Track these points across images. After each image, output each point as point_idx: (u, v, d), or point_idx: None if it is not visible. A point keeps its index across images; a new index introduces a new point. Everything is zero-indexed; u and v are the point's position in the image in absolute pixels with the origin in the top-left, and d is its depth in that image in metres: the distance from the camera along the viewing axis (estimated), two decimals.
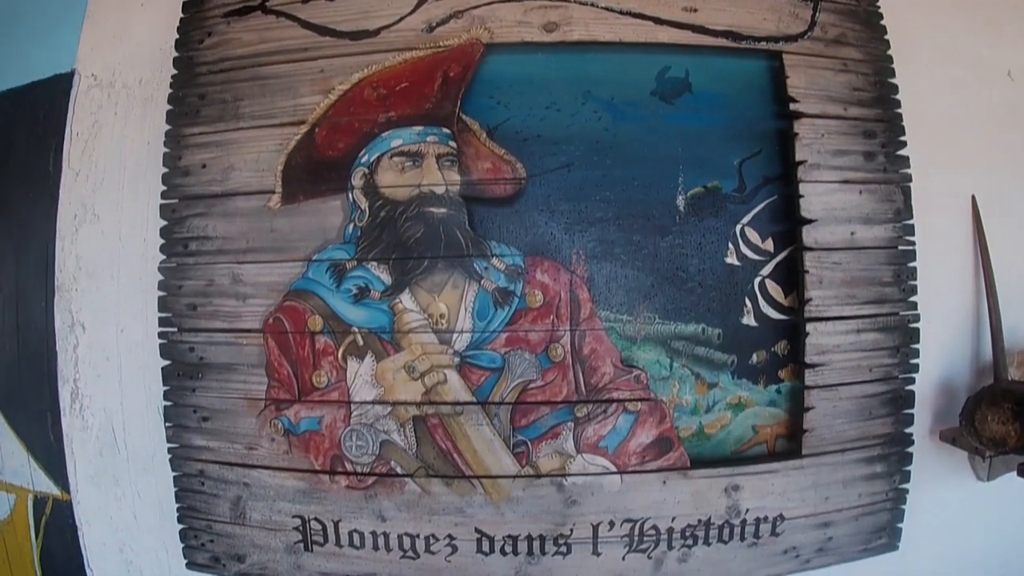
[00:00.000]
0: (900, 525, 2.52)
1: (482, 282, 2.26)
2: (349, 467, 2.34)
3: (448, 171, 2.32)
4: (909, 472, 2.50)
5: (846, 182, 2.45)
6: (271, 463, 2.42)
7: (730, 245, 2.39)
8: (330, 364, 2.34)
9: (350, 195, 2.35)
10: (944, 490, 2.56)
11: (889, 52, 2.54)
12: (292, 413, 2.36)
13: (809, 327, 2.38)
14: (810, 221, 2.39)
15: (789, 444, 2.43)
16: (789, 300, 2.41)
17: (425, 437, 2.30)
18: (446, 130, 2.32)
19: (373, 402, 2.33)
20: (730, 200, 2.40)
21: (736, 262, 2.39)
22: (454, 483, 2.33)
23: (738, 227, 2.40)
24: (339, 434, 2.34)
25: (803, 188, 2.40)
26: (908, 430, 2.49)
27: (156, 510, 2.57)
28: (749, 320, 2.39)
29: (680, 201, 2.38)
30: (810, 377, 2.40)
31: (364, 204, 2.33)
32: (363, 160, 2.35)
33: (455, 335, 2.29)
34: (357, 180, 2.34)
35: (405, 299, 2.30)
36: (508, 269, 2.28)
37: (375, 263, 2.31)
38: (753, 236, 2.41)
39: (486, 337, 2.29)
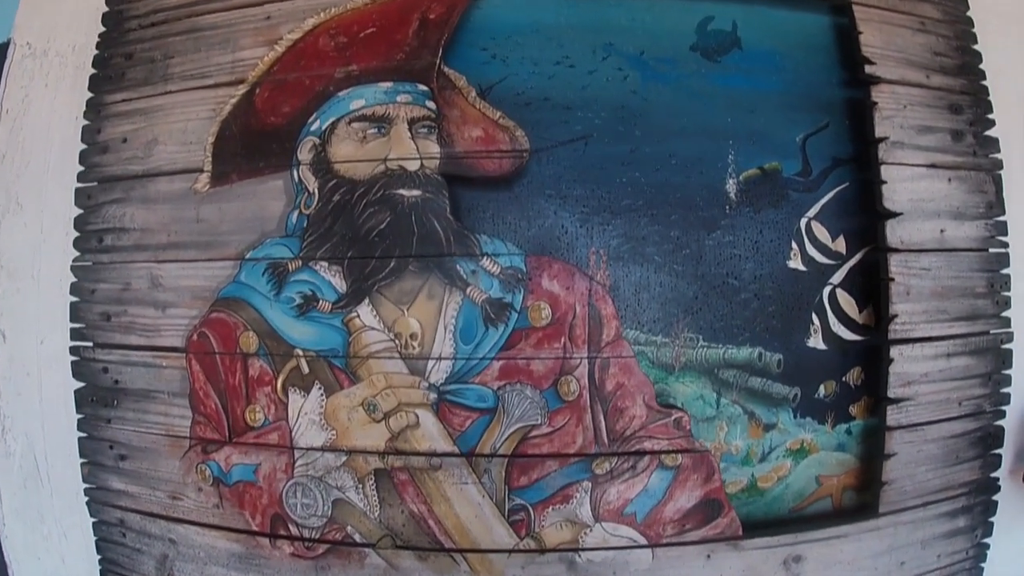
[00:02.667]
0: None
1: (468, 291, 0.88)
2: (294, 530, 0.96)
3: (424, 140, 0.93)
4: (993, 525, 1.12)
5: (933, 166, 1.08)
6: (199, 518, 1.05)
7: (793, 244, 1.01)
8: (267, 397, 0.96)
9: (295, 173, 0.97)
10: None
11: (969, 14, 1.12)
12: (222, 458, 0.99)
13: (894, 351, 1.02)
14: (895, 215, 1.02)
15: (859, 498, 1.07)
16: (864, 316, 1.03)
17: (391, 497, 0.91)
18: (423, 87, 0.94)
19: (322, 449, 0.94)
20: (792, 186, 1.01)
21: (801, 267, 1.01)
22: (430, 558, 0.94)
23: (803, 221, 1.01)
24: (280, 488, 0.96)
25: (885, 172, 1.03)
26: (995, 474, 1.11)
27: (84, 555, 1.20)
28: (816, 342, 1.02)
29: (731, 186, 0.99)
30: (893, 415, 1.03)
31: (313, 185, 0.94)
32: (313, 128, 0.96)
33: (431, 363, 0.91)
34: (305, 153, 0.95)
35: (364, 313, 0.91)
36: (504, 273, 0.90)
37: (325, 263, 0.93)
38: (821, 233, 1.03)
39: (473, 366, 0.91)
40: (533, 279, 0.98)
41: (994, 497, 1.20)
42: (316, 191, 1.03)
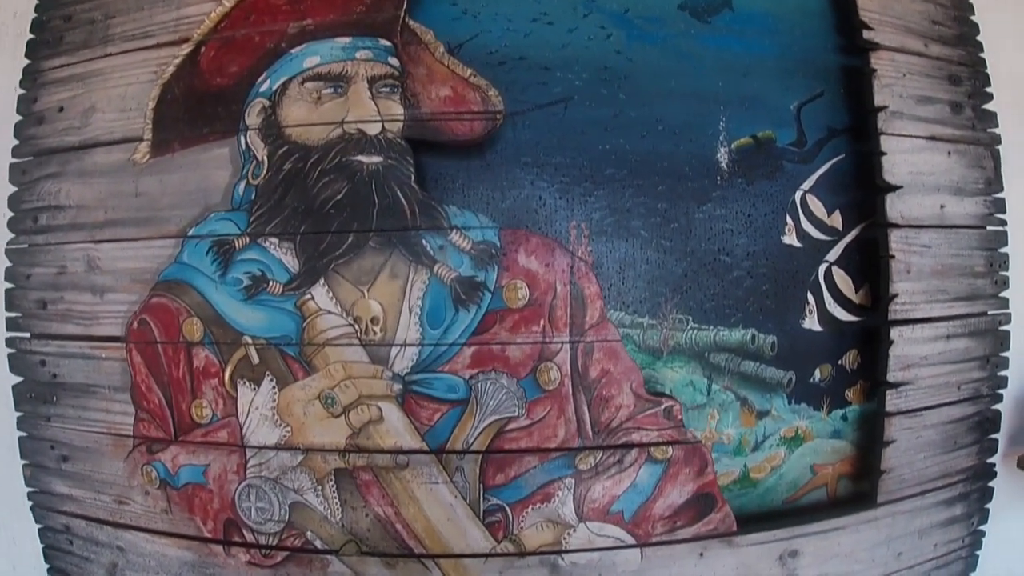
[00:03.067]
0: (973, 575, 0.98)
1: (435, 269, 0.69)
2: (249, 536, 0.78)
3: (386, 101, 0.75)
4: (988, 511, 0.97)
5: (933, 139, 0.92)
6: (148, 524, 0.86)
7: (788, 219, 0.84)
8: (214, 390, 0.77)
9: (242, 139, 0.78)
10: (1021, 527, 1.03)
11: None
12: (168, 458, 0.80)
13: (894, 332, 0.86)
14: (894, 188, 0.84)
15: (855, 487, 0.91)
16: (861, 296, 0.87)
17: (354, 499, 0.73)
18: (385, 42, 0.75)
19: (276, 447, 0.75)
20: (787, 157, 0.85)
21: (796, 242, 0.84)
22: (399, 564, 0.77)
23: (798, 194, 0.85)
24: (232, 490, 0.77)
25: (885, 143, 0.87)
26: (991, 460, 0.96)
27: (35, 563, 1.00)
28: (811, 323, 0.85)
29: (722, 155, 0.82)
30: (892, 400, 0.88)
31: (261, 152, 0.75)
32: (262, 89, 0.77)
33: (394, 350, 0.72)
34: (253, 117, 0.76)
35: (319, 295, 0.72)
36: (475, 249, 0.71)
37: (275, 240, 0.74)
38: (817, 207, 0.86)
39: (442, 353, 0.72)
40: (508, 255, 0.80)
41: (990, 483, 1.06)
42: (265, 159, 0.85)
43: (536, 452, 0.81)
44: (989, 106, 1.04)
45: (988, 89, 1.05)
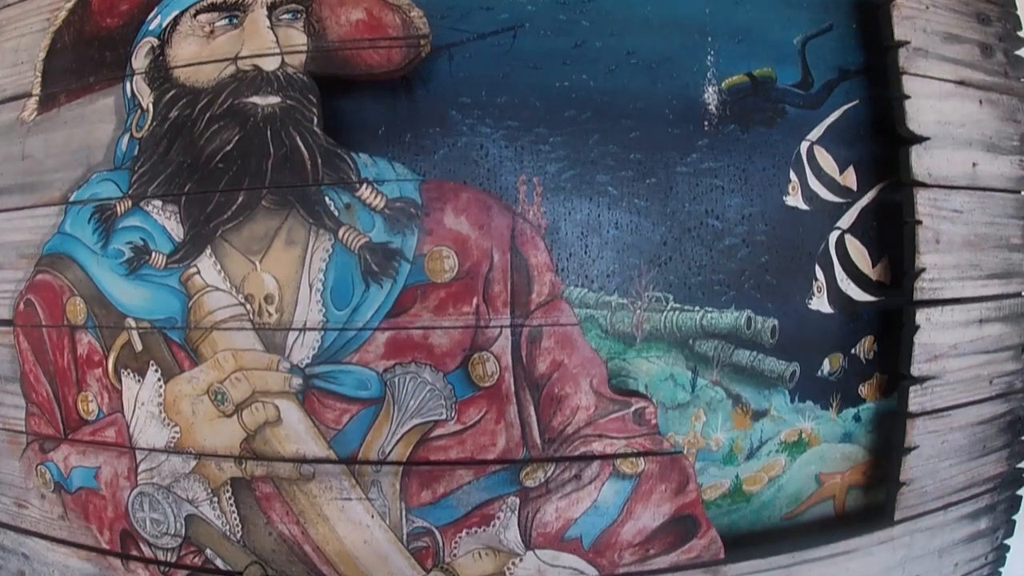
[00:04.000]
0: None
1: (341, 233, 0.38)
2: (147, 550, 0.48)
3: (287, 30, 0.44)
4: (1015, 524, 0.63)
5: (962, 83, 0.57)
6: (47, 531, 0.57)
7: (792, 175, 0.50)
8: (99, 382, 0.48)
9: (128, 86, 0.47)
10: None
11: None
12: (60, 458, 0.51)
13: (920, 316, 0.52)
14: (920, 139, 0.50)
15: (867, 498, 0.57)
16: (879, 270, 0.53)
17: (254, 514, 0.43)
18: None
19: (166, 450, 0.45)
20: (790, 100, 0.51)
21: (802, 204, 0.50)
22: None
23: (803, 146, 0.51)
24: (125, 498, 0.47)
25: (908, 84, 0.53)
26: (1021, 464, 0.61)
27: None
28: (820, 303, 0.51)
29: (710, 96, 0.48)
30: (916, 398, 0.54)
31: (147, 99, 0.46)
32: (152, 26, 0.47)
33: (292, 335, 0.42)
34: (140, 60, 0.47)
35: (205, 268, 0.42)
36: (390, 207, 0.40)
37: (159, 203, 0.44)
38: (827, 162, 0.52)
39: (350, 340, 0.41)
40: (431, 215, 0.51)
41: (1019, 492, 0.73)
42: (151, 107, 0.57)
43: (470, 465, 0.52)
44: (1021, 52, 0.71)
45: (1020, 33, 0.72)
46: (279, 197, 0.53)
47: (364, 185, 0.52)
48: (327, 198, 0.52)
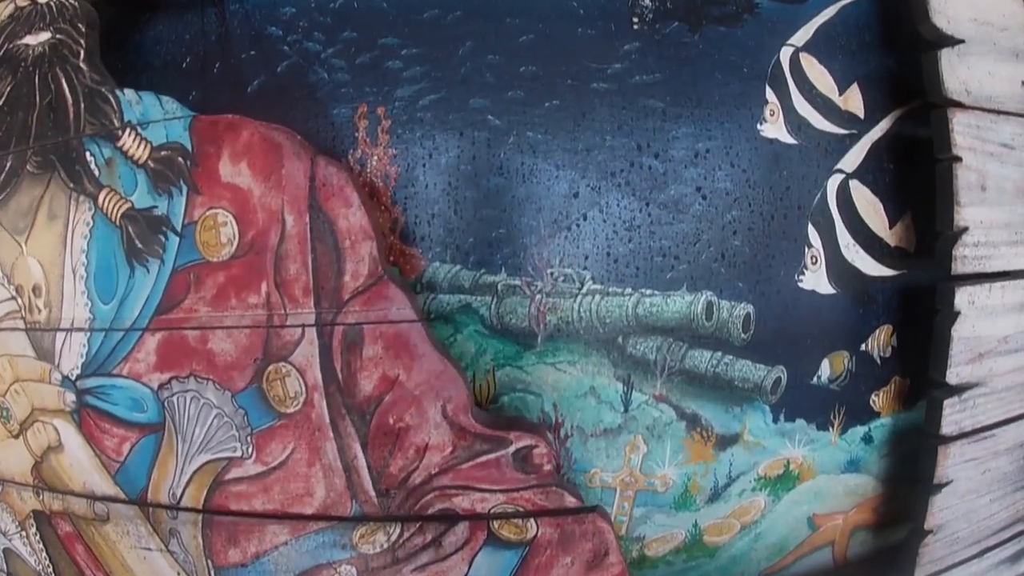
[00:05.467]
0: None
1: (101, 199, 0.18)
2: None
3: None
4: None
5: None
6: None
7: (769, 94, 0.29)
8: None
9: None
10: None
11: None
12: None
13: (960, 297, 0.30)
14: (953, 41, 0.29)
15: (877, 542, 0.36)
16: (898, 232, 0.32)
17: (59, 554, 0.23)
18: None
19: None
20: None
21: (785, 137, 0.29)
22: None
23: (785, 53, 0.29)
24: None
25: None
26: None
27: None
28: (815, 281, 0.31)
29: None
30: (952, 413, 0.32)
31: None
32: None
33: (60, 338, 0.22)
34: None
35: None
36: (155, 158, 0.19)
37: None
38: (819, 78, 0.31)
39: (118, 344, 0.23)
40: (202, 163, 0.33)
41: None
42: None
43: (282, 519, 0.34)
44: None
45: None
46: (43, 158, 0.35)
47: (127, 131, 0.33)
48: (88, 153, 0.34)
